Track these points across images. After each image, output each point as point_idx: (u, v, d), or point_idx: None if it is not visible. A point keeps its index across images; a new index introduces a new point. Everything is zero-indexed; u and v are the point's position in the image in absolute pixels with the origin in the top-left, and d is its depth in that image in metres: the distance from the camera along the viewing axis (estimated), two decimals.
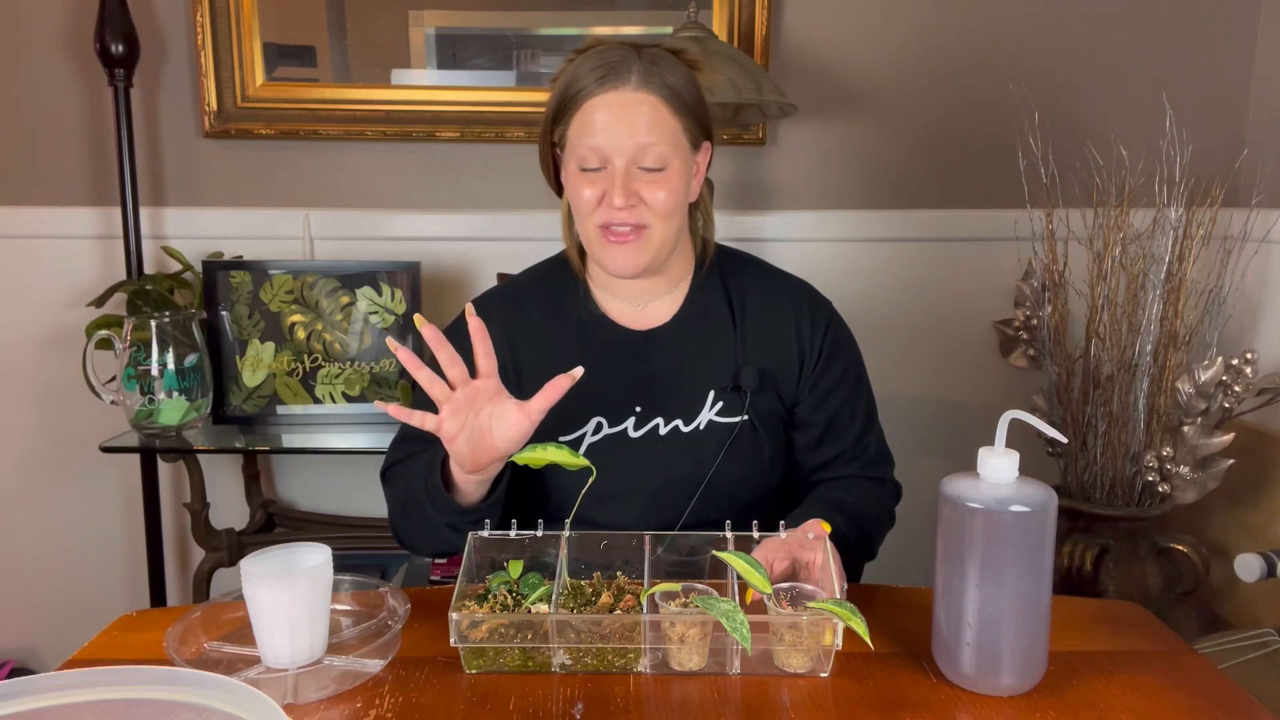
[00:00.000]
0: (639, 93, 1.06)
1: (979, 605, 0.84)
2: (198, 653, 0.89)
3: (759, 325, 1.17)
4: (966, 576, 0.84)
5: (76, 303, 1.94)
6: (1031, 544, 0.83)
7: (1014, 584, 0.83)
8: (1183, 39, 1.96)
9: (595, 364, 1.13)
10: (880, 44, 1.96)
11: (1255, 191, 1.85)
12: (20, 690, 0.61)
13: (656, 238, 1.09)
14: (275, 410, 1.82)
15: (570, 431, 1.14)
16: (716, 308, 1.17)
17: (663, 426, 1.14)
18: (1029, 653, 0.84)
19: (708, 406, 1.14)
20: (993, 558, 0.83)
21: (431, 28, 1.94)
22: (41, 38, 1.91)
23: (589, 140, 1.07)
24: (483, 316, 1.15)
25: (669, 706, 0.82)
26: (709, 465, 1.12)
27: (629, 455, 1.12)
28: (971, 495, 0.84)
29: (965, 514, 0.83)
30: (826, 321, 1.19)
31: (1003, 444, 0.85)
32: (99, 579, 2.09)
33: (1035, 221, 1.83)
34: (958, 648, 0.85)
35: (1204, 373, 1.64)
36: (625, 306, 1.18)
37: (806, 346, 1.17)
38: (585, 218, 1.10)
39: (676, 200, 1.09)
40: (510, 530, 1.00)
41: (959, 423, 2.07)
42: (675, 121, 1.08)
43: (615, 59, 1.07)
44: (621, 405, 1.14)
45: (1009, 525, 0.82)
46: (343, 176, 1.98)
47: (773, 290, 1.20)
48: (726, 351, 1.16)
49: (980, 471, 0.85)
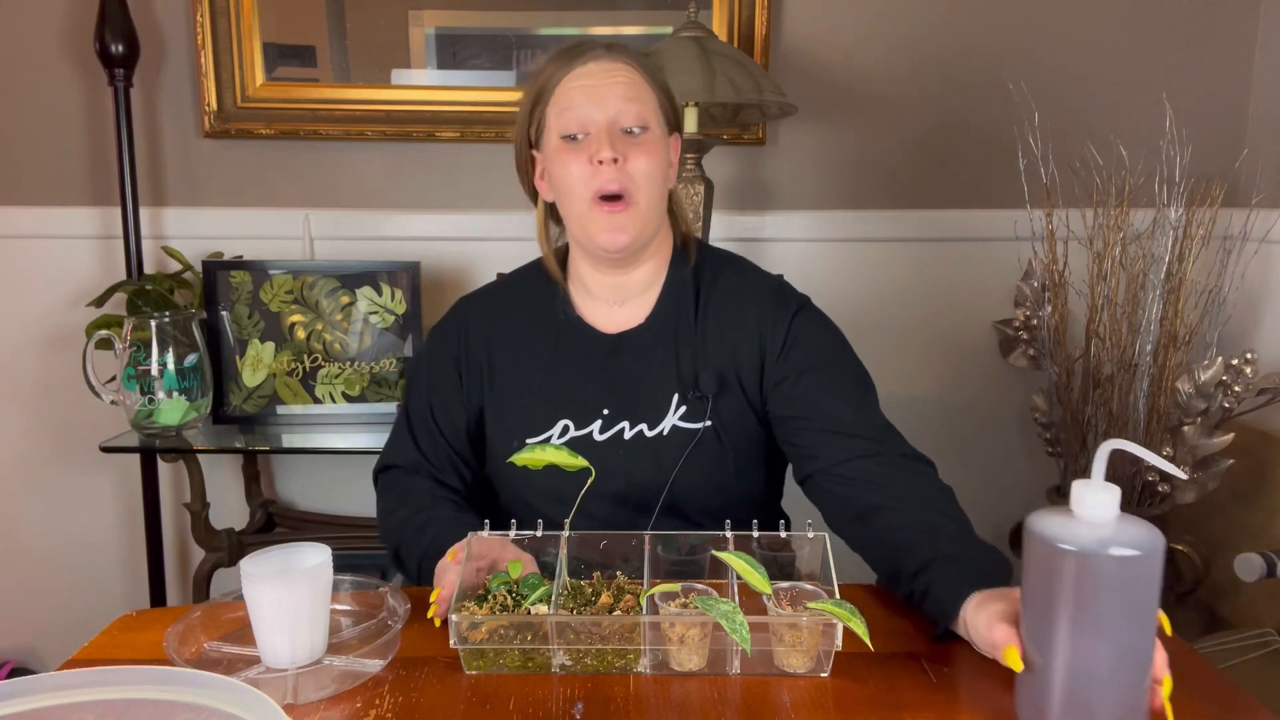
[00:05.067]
0: (614, 61, 1.09)
1: (1070, 662, 0.73)
2: (198, 653, 0.89)
3: (721, 326, 1.14)
4: (1056, 628, 0.73)
5: (76, 303, 1.94)
6: (1135, 594, 0.71)
7: (1113, 639, 0.72)
8: (1183, 39, 1.96)
9: (567, 367, 1.15)
10: (880, 44, 1.96)
11: (1255, 191, 1.85)
12: (20, 690, 0.61)
13: (641, 206, 1.08)
14: (275, 410, 1.82)
15: (538, 433, 1.13)
16: (685, 310, 1.15)
17: (628, 430, 1.12)
18: (1128, 717, 0.74)
19: (671, 411, 1.12)
20: (1088, 609, 0.71)
21: (431, 28, 1.94)
22: (41, 38, 1.91)
23: (569, 110, 1.08)
24: (464, 319, 1.20)
25: (669, 707, 0.82)
26: (670, 472, 1.10)
27: (593, 459, 1.09)
28: (1065, 536, 0.72)
29: (1056, 557, 0.72)
30: (792, 312, 1.14)
31: (1101, 477, 0.73)
32: (99, 579, 2.09)
33: (1035, 221, 1.83)
34: (1045, 705, 0.75)
35: (1204, 373, 1.64)
36: (601, 307, 1.17)
37: (768, 340, 1.13)
38: (574, 195, 1.09)
39: (657, 169, 1.09)
40: (510, 530, 1.00)
41: (959, 423, 2.07)
42: (650, 92, 1.10)
43: (581, 43, 1.11)
44: (589, 408, 1.13)
45: (1109, 572, 0.71)
46: (343, 176, 1.98)
47: (740, 289, 1.17)
48: (690, 353, 1.14)
49: (1075, 508, 0.73)
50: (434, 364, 1.21)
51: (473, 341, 1.19)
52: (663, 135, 1.11)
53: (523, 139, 1.16)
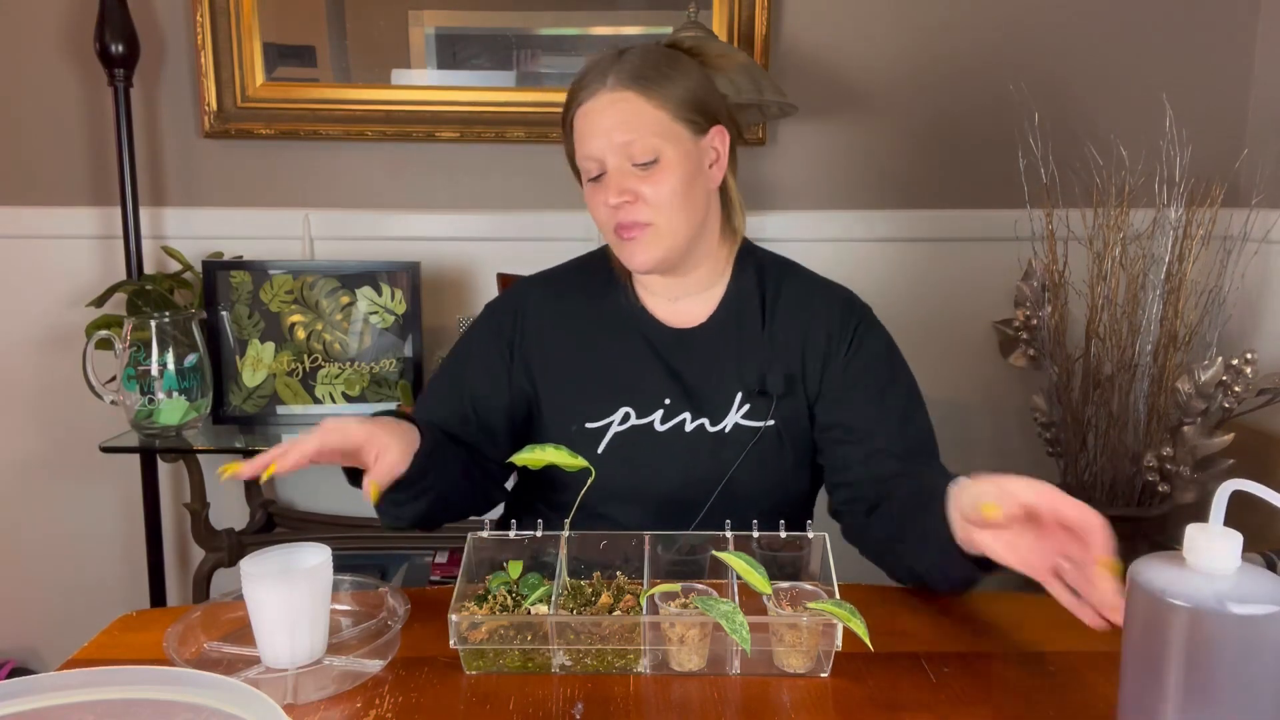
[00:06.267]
0: (614, 92, 1.08)
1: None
2: (197, 653, 0.89)
3: (789, 328, 1.16)
4: (1164, 697, 0.64)
5: (76, 303, 1.94)
6: (1260, 659, 0.62)
7: (1233, 711, 0.63)
8: (1183, 39, 1.96)
9: (630, 353, 1.16)
10: (880, 44, 1.96)
11: (1255, 191, 1.85)
12: (20, 690, 0.61)
13: (665, 231, 1.09)
14: (275, 410, 1.82)
15: (598, 419, 1.13)
16: (750, 309, 1.17)
17: (689, 423, 1.13)
18: None
19: (735, 409, 1.13)
20: (1204, 675, 0.63)
21: (431, 28, 1.94)
22: (41, 38, 1.91)
23: (583, 149, 1.10)
24: (522, 301, 1.20)
25: (669, 707, 0.82)
26: (729, 467, 1.11)
27: (653, 449, 1.12)
28: (1176, 589, 0.63)
29: (1167, 613, 0.63)
30: (857, 322, 1.16)
31: (1220, 521, 0.65)
32: (99, 579, 2.09)
33: (1035, 221, 1.83)
34: None
35: (1204, 373, 1.64)
36: (662, 303, 1.19)
37: (835, 346, 1.15)
38: (601, 226, 1.13)
39: (676, 191, 1.08)
40: (510, 530, 1.00)
41: (959, 423, 2.07)
42: (660, 113, 1.08)
43: (596, 64, 1.10)
44: (651, 398, 1.14)
45: (1230, 632, 0.62)
46: (343, 176, 1.98)
47: (807, 293, 1.19)
48: (756, 354, 1.15)
49: (1189, 557, 0.65)
50: (481, 338, 1.20)
51: (529, 324, 1.19)
52: (683, 150, 1.09)
53: (571, 159, 1.17)
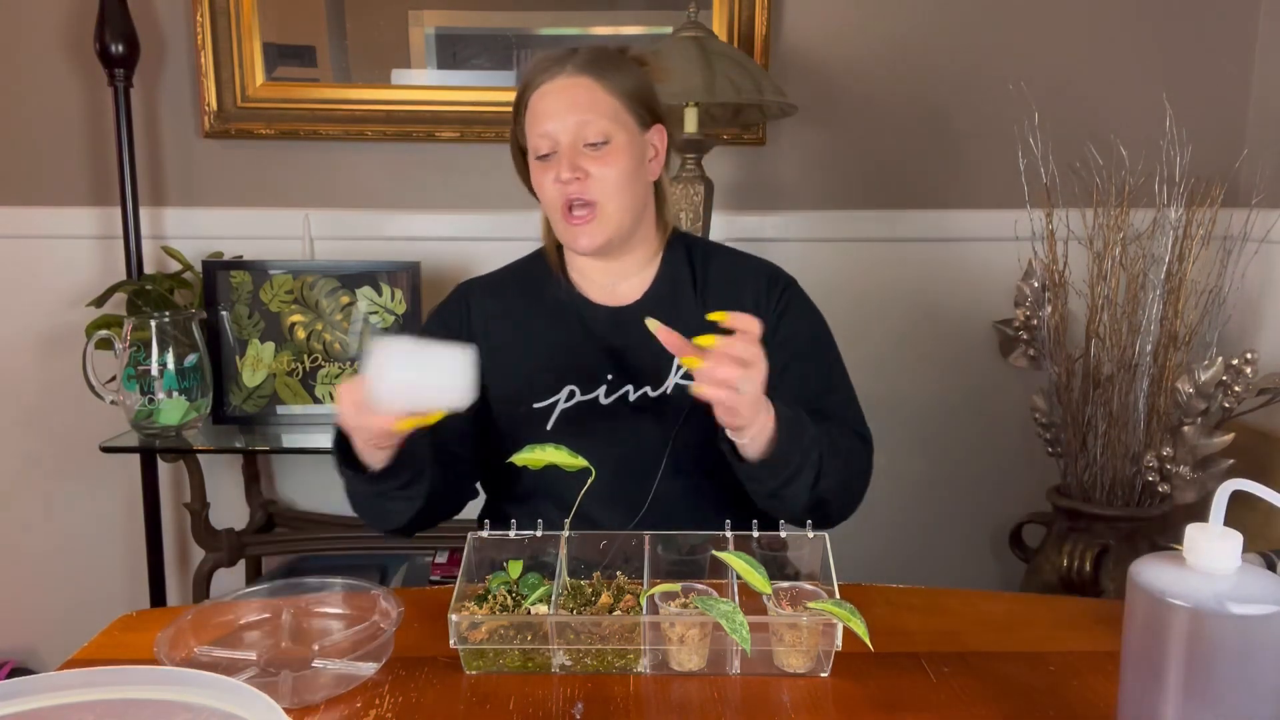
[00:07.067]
0: (571, 76, 1.15)
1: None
2: (188, 657, 0.88)
3: (720, 295, 1.22)
4: (1164, 697, 0.64)
5: (76, 303, 1.94)
6: (1259, 659, 0.62)
7: (1231, 711, 0.63)
8: (1183, 39, 1.96)
9: (569, 338, 1.22)
10: (880, 44, 1.96)
11: (1255, 191, 1.85)
12: (20, 690, 0.61)
13: (611, 214, 1.15)
14: (275, 410, 1.82)
15: (544, 399, 1.18)
16: (682, 283, 1.23)
17: (632, 393, 1.18)
18: None
19: (674, 372, 1.18)
20: (1202, 674, 0.63)
21: (431, 28, 1.94)
22: (41, 37, 1.91)
23: (537, 128, 1.16)
24: (465, 301, 1.27)
25: (669, 707, 0.82)
26: (674, 427, 1.16)
27: (600, 418, 1.17)
28: (1176, 589, 0.63)
29: (1166, 613, 0.63)
30: (782, 289, 1.23)
31: (1220, 522, 0.65)
32: (99, 579, 2.09)
33: (1035, 221, 1.83)
34: None
35: (1204, 373, 1.64)
36: (597, 288, 1.24)
37: (762, 314, 1.16)
38: (549, 206, 1.18)
39: (624, 176, 1.15)
40: (510, 530, 1.00)
41: (959, 423, 2.07)
42: (613, 100, 1.15)
43: (552, 55, 1.17)
44: (593, 374, 1.19)
45: (1229, 632, 0.62)
46: (343, 176, 1.98)
47: (735, 267, 1.26)
48: (690, 322, 1.17)
49: (1189, 557, 0.65)
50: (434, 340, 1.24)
51: (474, 320, 1.25)
52: (630, 138, 1.16)
53: (516, 145, 1.24)
